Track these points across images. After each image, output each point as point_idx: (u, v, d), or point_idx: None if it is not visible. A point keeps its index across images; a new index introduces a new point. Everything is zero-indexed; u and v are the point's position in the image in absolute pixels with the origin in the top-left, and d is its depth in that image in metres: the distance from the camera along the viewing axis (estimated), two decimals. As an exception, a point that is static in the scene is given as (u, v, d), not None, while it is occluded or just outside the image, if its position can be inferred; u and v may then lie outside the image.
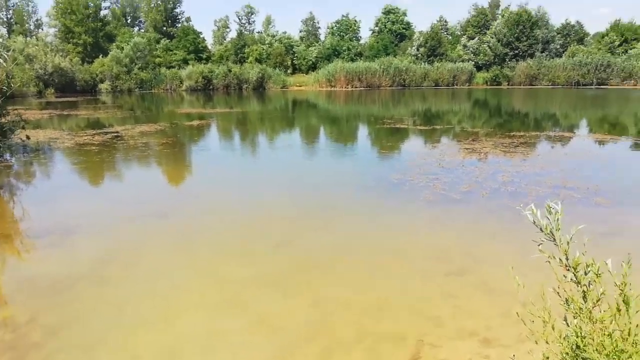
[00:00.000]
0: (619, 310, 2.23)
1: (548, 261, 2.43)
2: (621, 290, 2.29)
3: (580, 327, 2.26)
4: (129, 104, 35.39)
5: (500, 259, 5.44)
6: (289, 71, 66.46)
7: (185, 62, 61.75)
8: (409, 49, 64.23)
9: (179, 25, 71.53)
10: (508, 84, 57.12)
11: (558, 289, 2.41)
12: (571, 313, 2.31)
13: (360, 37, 76.15)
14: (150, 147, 14.32)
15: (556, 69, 54.03)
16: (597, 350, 2.22)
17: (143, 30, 71.57)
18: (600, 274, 2.31)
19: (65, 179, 10.49)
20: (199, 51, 66.63)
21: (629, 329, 2.14)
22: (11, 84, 12.75)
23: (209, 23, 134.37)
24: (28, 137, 13.63)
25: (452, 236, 6.33)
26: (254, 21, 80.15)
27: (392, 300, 4.58)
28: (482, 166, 10.78)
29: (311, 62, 69.40)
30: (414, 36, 67.74)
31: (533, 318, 2.37)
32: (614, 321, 2.19)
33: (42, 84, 44.14)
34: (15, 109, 15.76)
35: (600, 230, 6.28)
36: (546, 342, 2.36)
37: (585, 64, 52.76)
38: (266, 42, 70.62)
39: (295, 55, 70.56)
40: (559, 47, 60.53)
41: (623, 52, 56.06)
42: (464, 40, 63.93)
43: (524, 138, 15.22)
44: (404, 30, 73.11)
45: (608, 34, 60.08)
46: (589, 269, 2.30)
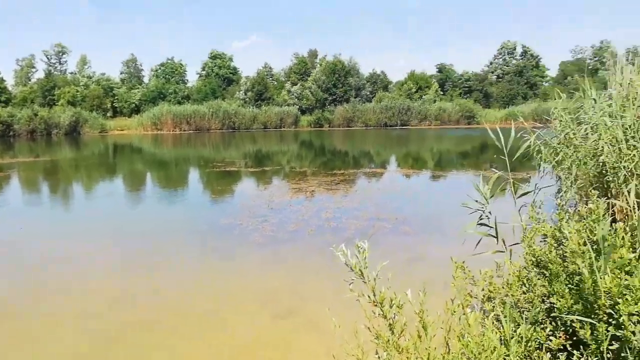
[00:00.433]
0: (419, 337, 2.42)
1: (358, 299, 2.53)
2: (420, 317, 2.50)
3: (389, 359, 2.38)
4: None
5: (324, 296, 5.63)
6: (109, 114, 61.72)
7: (-24, 105, 52.63)
8: (237, 92, 65.67)
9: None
10: (329, 126, 62.15)
11: (369, 324, 2.52)
12: (381, 347, 2.42)
13: (187, 80, 75.15)
14: None
15: (368, 112, 60.92)
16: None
17: None
18: (402, 305, 2.49)
19: None
20: (-5, 92, 57.60)
21: (429, 353, 2.33)
22: None
23: (10, 62, 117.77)
24: None
25: (281, 276, 6.42)
26: (65, 61, 72.66)
27: (223, 348, 4.37)
28: (308, 204, 11.30)
29: (134, 105, 65.65)
30: (241, 81, 69.56)
31: (348, 357, 2.41)
32: (416, 348, 2.35)
33: None
34: None
35: (406, 257, 7.02)
36: (362, 380, 2.42)
37: (390, 107, 60.65)
38: (81, 84, 64.65)
39: (116, 97, 66.02)
40: (368, 93, 68.41)
41: (419, 98, 66.05)
42: (288, 85, 67.94)
43: (344, 175, 16.54)
44: (231, 75, 74.62)
45: (406, 82, 70.28)
46: (392, 303, 2.46)
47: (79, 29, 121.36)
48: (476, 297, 3.24)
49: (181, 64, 74.40)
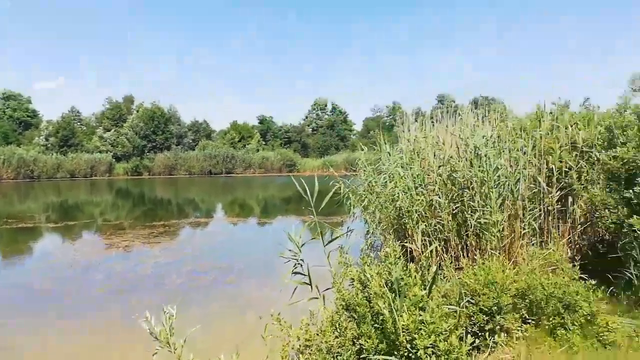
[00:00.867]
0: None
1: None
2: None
3: None
4: None
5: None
6: None
7: None
8: (37, 138, 57.79)
9: None
10: (149, 174, 58.66)
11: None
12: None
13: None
14: None
15: (191, 159, 59.49)
16: None
17: None
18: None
19: None
20: None
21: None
22: None
23: None
24: None
25: (85, 350, 5.54)
26: None
27: None
28: (122, 261, 10.25)
29: None
30: (41, 125, 61.60)
31: None
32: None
33: None
34: None
35: (227, 308, 6.81)
36: None
37: (214, 155, 60.33)
38: None
39: None
40: (191, 141, 67.09)
41: (242, 147, 67.25)
42: (100, 131, 62.55)
43: (166, 227, 15.57)
44: (28, 118, 65.61)
45: (229, 132, 71.08)
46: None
47: None
48: (293, 348, 3.24)
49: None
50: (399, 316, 2.82)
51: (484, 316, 4.10)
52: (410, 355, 2.78)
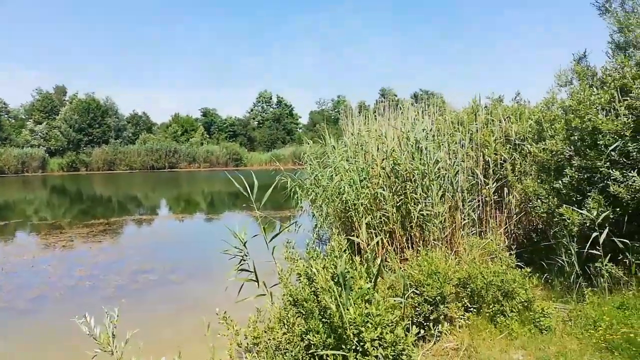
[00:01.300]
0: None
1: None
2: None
3: None
4: None
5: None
6: None
7: None
8: (-43, 131, 53.36)
9: None
10: (86, 170, 55.81)
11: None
12: None
13: None
14: None
15: (132, 154, 57.05)
16: None
17: None
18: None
19: None
20: None
21: None
22: None
23: None
24: None
25: (18, 358, 5.21)
26: None
27: None
28: (58, 263, 9.71)
29: None
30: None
31: None
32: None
33: None
34: None
35: (172, 309, 6.64)
36: None
37: (156, 150, 58.19)
38: None
39: None
40: (131, 135, 64.37)
41: (186, 140, 65.37)
42: (30, 124, 58.63)
43: (106, 225, 14.89)
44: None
45: (171, 125, 68.87)
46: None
47: None
48: (240, 346, 3.20)
49: None
50: (345, 310, 2.85)
51: (429, 306, 4.24)
52: (357, 348, 2.82)
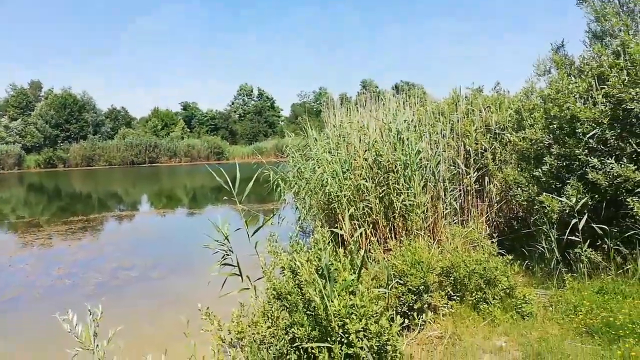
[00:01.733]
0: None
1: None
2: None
3: None
4: None
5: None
6: None
7: None
8: None
9: None
10: (64, 166, 54.69)
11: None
12: None
13: None
14: None
15: (111, 149, 56.02)
16: None
17: None
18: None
19: None
20: None
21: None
22: None
23: None
24: None
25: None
26: None
27: None
28: (35, 261, 9.50)
29: None
30: None
31: None
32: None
33: None
34: None
35: (154, 306, 6.56)
36: None
37: (136, 145, 57.24)
38: None
39: None
40: (109, 130, 63.23)
41: (166, 135, 64.50)
42: (5, 121, 57.12)
43: (86, 222, 14.61)
44: None
45: (151, 119, 67.86)
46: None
47: None
48: (225, 342, 3.17)
49: None
50: (329, 302, 2.84)
51: (412, 296, 4.27)
52: (342, 340, 2.82)
